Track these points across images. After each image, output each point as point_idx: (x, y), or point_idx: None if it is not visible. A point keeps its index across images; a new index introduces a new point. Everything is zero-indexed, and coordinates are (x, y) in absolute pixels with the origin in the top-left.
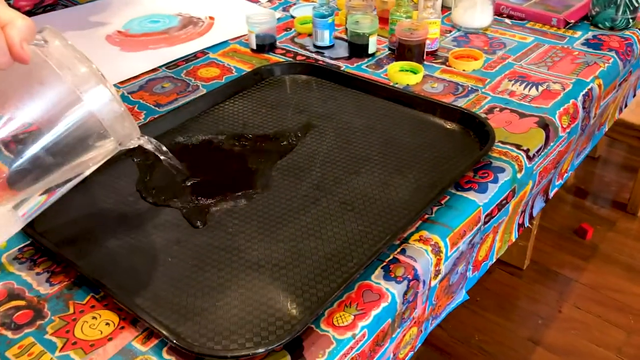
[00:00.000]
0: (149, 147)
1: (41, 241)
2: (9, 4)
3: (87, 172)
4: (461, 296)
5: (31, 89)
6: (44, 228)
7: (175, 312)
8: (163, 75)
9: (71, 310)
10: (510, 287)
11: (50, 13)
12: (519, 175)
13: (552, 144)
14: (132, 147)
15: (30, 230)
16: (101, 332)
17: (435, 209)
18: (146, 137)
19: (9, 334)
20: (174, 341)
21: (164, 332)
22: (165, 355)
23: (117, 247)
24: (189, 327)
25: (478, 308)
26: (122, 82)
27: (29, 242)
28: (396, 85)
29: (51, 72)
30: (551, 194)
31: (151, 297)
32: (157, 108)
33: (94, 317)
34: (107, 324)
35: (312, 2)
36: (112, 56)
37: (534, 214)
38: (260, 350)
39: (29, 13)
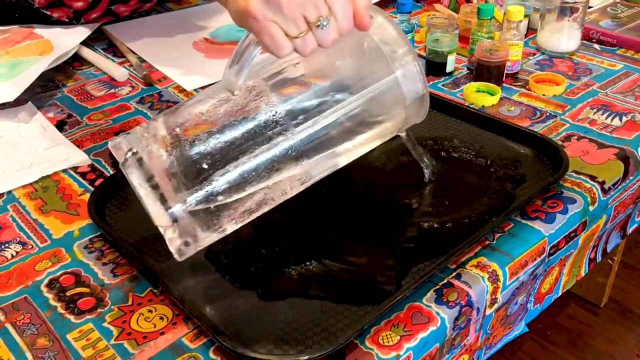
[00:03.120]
0: (404, 138)
1: (111, 233)
2: (110, 10)
3: (365, 150)
4: (520, 328)
5: (357, 56)
6: (114, 222)
7: (226, 313)
8: None
9: (130, 302)
10: (585, 325)
11: (145, 18)
12: (591, 208)
13: (631, 177)
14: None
15: (101, 222)
16: (154, 326)
17: (497, 235)
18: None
19: (72, 317)
20: (220, 341)
21: (212, 332)
22: (211, 354)
23: None
24: (238, 329)
25: (548, 343)
26: (202, 87)
27: (99, 233)
28: (470, 106)
29: (374, 45)
30: (629, 230)
31: (205, 297)
32: None
33: (149, 311)
34: (161, 318)
35: (394, 18)
36: (196, 62)
37: (609, 249)
38: (303, 358)
39: (127, 18)
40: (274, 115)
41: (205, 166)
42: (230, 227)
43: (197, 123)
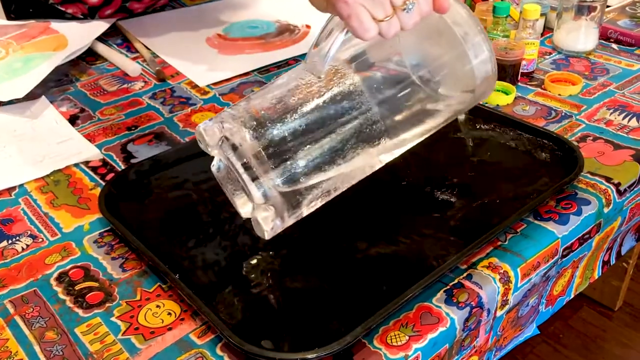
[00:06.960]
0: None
1: (120, 228)
2: (125, 7)
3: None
4: (531, 330)
5: (430, 38)
6: (124, 217)
7: (234, 310)
8: (254, 80)
9: (138, 297)
10: (598, 328)
11: (159, 13)
12: (605, 210)
13: None
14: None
15: (111, 217)
16: (162, 321)
17: (509, 236)
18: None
19: (80, 311)
20: (228, 337)
21: (220, 328)
22: (218, 351)
23: (190, 243)
24: (245, 326)
25: (560, 346)
26: (215, 84)
27: (109, 228)
28: (485, 105)
29: (447, 27)
30: None
31: (213, 293)
32: None
33: (157, 306)
34: (169, 313)
35: None
36: (209, 58)
37: (623, 252)
38: (310, 356)
39: (141, 14)
40: (359, 97)
41: (292, 148)
42: (307, 210)
43: (285, 107)
